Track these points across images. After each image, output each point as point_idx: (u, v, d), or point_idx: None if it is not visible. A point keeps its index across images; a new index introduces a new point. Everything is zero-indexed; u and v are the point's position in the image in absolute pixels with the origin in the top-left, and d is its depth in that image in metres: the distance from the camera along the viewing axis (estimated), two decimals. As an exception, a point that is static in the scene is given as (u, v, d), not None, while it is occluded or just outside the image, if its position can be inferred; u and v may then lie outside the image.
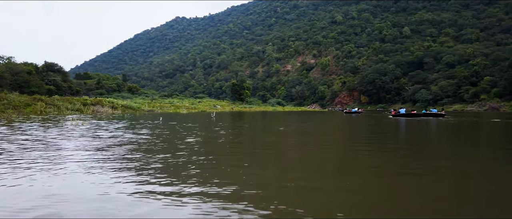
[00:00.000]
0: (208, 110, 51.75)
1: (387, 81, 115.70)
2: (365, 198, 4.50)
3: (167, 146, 9.36)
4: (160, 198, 4.31)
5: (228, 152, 8.56)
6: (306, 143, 11.77)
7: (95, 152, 8.07)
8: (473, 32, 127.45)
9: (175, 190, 4.70)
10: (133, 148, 8.90)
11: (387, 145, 10.93)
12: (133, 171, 5.99)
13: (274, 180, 5.47)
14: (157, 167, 6.38)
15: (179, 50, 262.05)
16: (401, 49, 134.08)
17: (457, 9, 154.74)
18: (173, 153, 7.98)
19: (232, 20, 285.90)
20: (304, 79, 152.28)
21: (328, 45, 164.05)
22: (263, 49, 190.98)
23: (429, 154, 8.69)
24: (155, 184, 5.04)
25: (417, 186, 5.23)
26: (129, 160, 7.03)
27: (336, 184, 5.25)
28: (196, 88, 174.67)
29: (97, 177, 5.46)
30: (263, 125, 18.97)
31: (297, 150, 9.79)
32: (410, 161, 7.57)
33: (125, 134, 12.31)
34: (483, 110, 79.02)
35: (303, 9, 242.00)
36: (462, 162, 7.60)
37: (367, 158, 7.90)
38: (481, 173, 6.38)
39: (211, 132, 13.75)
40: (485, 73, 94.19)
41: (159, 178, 5.45)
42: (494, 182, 5.64)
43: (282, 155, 8.64)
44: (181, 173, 5.85)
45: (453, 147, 10.96)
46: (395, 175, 5.97)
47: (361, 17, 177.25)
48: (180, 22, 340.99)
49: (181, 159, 7.20)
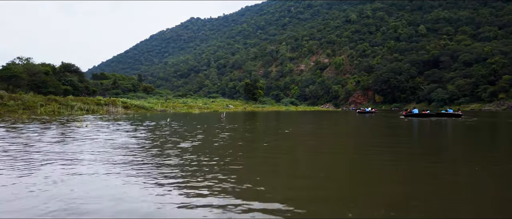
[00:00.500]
0: (220, 109, 51.80)
1: (402, 81, 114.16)
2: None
3: (154, 152, 8.55)
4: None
5: (216, 161, 7.37)
6: (311, 149, 10.29)
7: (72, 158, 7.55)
8: (491, 30, 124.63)
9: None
10: (118, 153, 8.34)
11: (400, 155, 8.96)
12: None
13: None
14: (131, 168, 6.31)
15: (194, 51, 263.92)
16: (416, 48, 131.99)
17: (475, 7, 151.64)
18: (154, 159, 7.49)
19: (246, 20, 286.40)
20: (318, 79, 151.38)
21: (342, 44, 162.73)
22: (277, 49, 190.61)
23: (450, 166, 7.26)
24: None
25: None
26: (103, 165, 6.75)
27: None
28: (210, 88, 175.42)
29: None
30: (270, 126, 18.41)
31: (299, 159, 8.43)
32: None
33: (121, 137, 11.95)
34: (501, 109, 77.14)
35: (317, 8, 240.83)
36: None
37: (376, 184, 5.69)
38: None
39: (213, 134, 13.18)
40: (504, 71, 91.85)
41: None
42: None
43: (281, 166, 7.34)
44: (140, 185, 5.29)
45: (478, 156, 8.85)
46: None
47: (375, 16, 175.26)
48: (194, 23, 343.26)
49: (156, 168, 6.51)
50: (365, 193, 4.86)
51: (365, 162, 7.51)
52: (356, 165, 7.29)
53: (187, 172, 6.06)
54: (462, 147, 11.35)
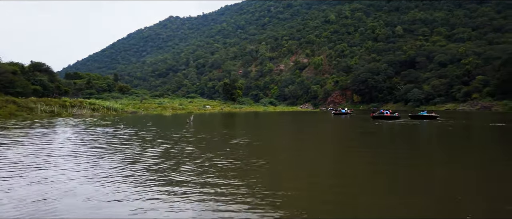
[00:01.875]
0: (196, 110, 50.44)
1: (380, 81, 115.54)
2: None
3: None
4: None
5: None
6: (252, 167, 7.97)
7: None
8: (465, 31, 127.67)
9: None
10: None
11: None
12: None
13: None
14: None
15: (172, 50, 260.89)
16: (393, 49, 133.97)
17: (450, 8, 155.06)
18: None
19: (226, 20, 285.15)
20: (297, 79, 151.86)
21: (321, 44, 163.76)
22: (257, 48, 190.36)
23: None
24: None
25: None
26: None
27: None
28: (189, 88, 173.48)
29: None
30: (239, 134, 15.91)
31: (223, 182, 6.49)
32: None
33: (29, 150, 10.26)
34: (475, 109, 78.81)
35: (297, 8, 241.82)
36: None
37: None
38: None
39: (151, 146, 11.19)
40: (477, 72, 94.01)
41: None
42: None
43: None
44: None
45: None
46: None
47: (354, 17, 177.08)
48: (173, 22, 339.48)
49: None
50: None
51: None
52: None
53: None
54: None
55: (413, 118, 31.90)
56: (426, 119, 30.72)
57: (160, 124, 23.54)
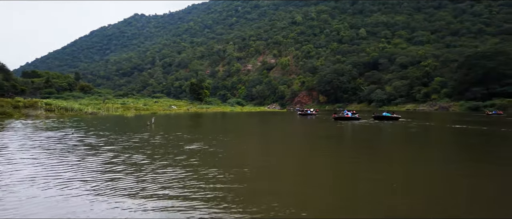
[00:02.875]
0: (160, 111, 49.29)
1: (344, 82, 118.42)
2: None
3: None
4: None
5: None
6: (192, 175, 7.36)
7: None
8: (424, 34, 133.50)
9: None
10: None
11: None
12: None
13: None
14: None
15: (138, 48, 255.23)
16: (357, 50, 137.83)
17: (410, 12, 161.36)
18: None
19: (193, 19, 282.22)
20: (265, 79, 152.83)
21: (288, 45, 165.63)
22: (224, 48, 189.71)
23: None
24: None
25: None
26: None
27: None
28: (154, 88, 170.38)
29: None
30: (187, 137, 14.84)
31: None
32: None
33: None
34: (434, 110, 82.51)
35: (264, 9, 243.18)
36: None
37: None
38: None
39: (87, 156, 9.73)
40: (436, 74, 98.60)
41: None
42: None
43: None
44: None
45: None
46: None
47: (320, 18, 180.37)
48: (138, 19, 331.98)
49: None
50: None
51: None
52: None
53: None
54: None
55: (376, 119, 32.35)
56: (389, 120, 31.44)
57: (118, 126, 22.26)
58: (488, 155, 11.14)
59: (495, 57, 79.48)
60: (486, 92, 78.09)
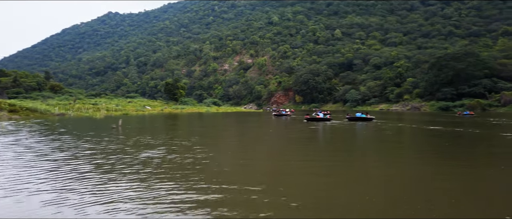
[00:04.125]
0: (133, 112, 47.92)
1: (320, 82, 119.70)
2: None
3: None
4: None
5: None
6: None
7: None
8: (397, 36, 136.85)
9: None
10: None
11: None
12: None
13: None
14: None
15: (111, 47, 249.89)
16: (333, 51, 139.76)
17: (383, 14, 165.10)
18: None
19: (169, 17, 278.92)
20: (241, 79, 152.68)
21: (264, 45, 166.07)
22: (200, 48, 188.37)
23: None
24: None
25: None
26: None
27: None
28: (129, 87, 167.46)
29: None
30: (150, 143, 13.61)
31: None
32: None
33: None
34: (406, 110, 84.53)
35: (241, 8, 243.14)
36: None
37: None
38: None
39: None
40: (408, 75, 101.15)
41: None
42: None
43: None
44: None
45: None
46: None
47: (296, 19, 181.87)
48: (112, 18, 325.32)
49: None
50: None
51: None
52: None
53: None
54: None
55: (350, 120, 32.72)
56: (363, 121, 31.82)
57: (81, 129, 20.85)
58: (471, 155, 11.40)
59: (464, 58, 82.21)
60: (456, 93, 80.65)
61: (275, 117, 44.88)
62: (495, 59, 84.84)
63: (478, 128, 23.25)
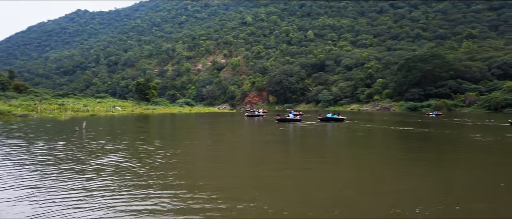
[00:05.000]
0: (101, 113, 46.33)
1: (293, 82, 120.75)
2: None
3: None
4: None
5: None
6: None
7: None
8: (368, 38, 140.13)
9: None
10: None
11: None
12: None
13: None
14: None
15: (81, 46, 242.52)
16: (305, 52, 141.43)
17: (354, 16, 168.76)
18: None
19: (140, 16, 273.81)
20: (215, 79, 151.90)
21: (238, 45, 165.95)
22: (173, 47, 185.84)
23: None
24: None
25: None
26: None
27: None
28: (99, 87, 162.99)
29: None
30: (110, 148, 12.57)
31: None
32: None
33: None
34: (376, 110, 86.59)
35: (214, 8, 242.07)
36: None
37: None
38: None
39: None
40: (378, 75, 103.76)
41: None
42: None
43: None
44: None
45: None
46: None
47: (269, 20, 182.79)
48: (82, 15, 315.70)
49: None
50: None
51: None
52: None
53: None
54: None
55: (322, 121, 32.98)
56: (334, 121, 32.24)
57: (41, 132, 19.45)
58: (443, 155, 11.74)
59: (431, 60, 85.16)
60: (423, 94, 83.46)
61: (248, 118, 44.50)
62: (460, 61, 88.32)
63: (448, 129, 23.84)
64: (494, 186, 7.29)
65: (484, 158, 11.49)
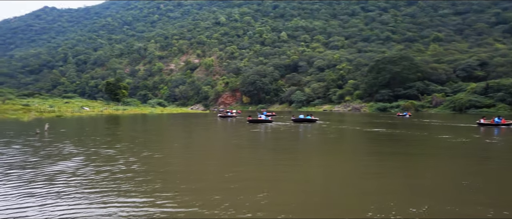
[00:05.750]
0: (67, 114, 44.74)
1: (267, 83, 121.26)
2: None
3: None
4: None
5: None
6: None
7: None
8: (340, 39, 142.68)
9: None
10: None
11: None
12: None
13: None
14: None
15: (48, 44, 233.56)
16: (279, 53, 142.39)
17: (326, 18, 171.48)
18: None
19: (111, 14, 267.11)
20: (188, 79, 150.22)
21: (212, 45, 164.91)
22: (145, 46, 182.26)
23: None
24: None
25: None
26: None
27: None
28: (67, 87, 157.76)
29: None
30: (65, 154, 11.65)
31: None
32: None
33: None
34: (347, 110, 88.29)
35: (188, 8, 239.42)
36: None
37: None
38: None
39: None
40: (349, 77, 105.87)
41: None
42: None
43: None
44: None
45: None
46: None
47: (243, 20, 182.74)
48: (49, 13, 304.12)
49: None
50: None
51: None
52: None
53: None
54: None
55: (295, 122, 33.30)
56: (307, 122, 32.63)
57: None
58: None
59: (400, 62, 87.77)
60: (392, 95, 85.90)
61: (220, 118, 44.21)
62: (427, 63, 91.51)
63: (420, 130, 24.49)
64: (457, 186, 7.59)
65: (452, 159, 11.85)
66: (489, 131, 23.09)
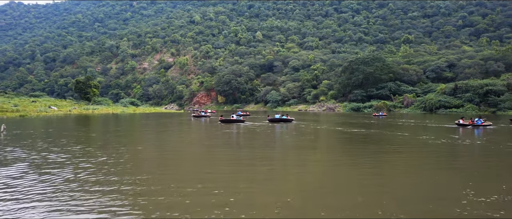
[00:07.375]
0: (32, 113, 42.87)
1: (242, 82, 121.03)
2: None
3: None
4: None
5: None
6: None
7: None
8: (314, 40, 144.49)
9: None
10: None
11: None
12: None
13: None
14: None
15: (14, 40, 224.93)
16: (254, 53, 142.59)
17: (301, 19, 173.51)
18: None
19: (81, 11, 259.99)
20: (162, 78, 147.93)
21: (186, 44, 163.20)
22: (117, 44, 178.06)
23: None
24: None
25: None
26: None
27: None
28: (34, 85, 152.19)
29: None
30: (13, 156, 11.21)
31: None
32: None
33: None
34: (322, 110, 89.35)
35: (161, 6, 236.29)
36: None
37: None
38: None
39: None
40: (323, 77, 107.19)
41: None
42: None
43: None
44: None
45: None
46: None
47: (218, 19, 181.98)
48: (15, 8, 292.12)
49: None
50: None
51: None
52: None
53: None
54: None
55: (271, 122, 33.30)
56: (283, 122, 32.78)
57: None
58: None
59: (373, 63, 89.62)
60: (365, 95, 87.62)
61: (194, 118, 43.66)
62: (398, 64, 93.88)
63: (398, 130, 24.91)
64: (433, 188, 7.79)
65: (428, 160, 12.15)
66: (469, 132, 23.74)
